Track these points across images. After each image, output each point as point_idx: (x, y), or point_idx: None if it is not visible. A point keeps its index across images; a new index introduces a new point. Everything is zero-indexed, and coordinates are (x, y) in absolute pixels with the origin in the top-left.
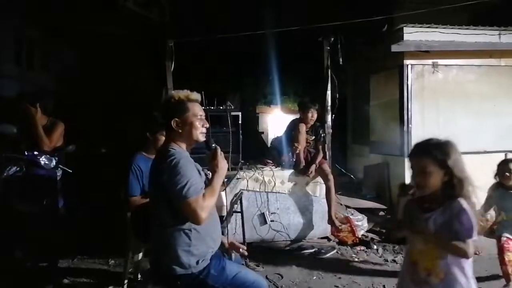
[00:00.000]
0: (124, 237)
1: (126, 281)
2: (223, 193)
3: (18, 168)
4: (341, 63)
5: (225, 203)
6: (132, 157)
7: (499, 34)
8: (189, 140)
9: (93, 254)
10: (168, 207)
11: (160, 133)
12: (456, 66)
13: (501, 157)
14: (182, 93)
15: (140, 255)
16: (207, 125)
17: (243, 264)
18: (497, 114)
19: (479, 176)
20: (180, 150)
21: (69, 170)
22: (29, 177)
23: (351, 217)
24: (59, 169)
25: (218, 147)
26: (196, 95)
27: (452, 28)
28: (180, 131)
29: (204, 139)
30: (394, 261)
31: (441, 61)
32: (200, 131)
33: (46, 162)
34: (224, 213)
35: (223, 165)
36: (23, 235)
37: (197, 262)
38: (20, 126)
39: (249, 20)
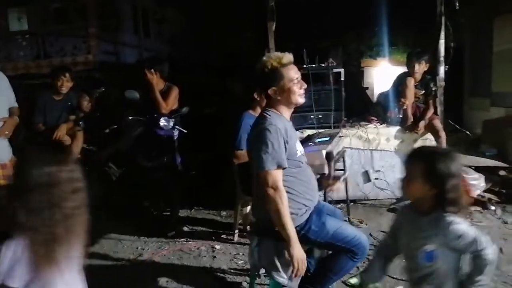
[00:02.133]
0: (234, 191)
1: (236, 231)
2: (323, 152)
3: (142, 129)
4: (457, 7)
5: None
6: (241, 115)
7: None
8: (289, 105)
9: (207, 206)
10: None
11: (259, 95)
12: None
13: None
14: (274, 59)
15: (248, 208)
16: (305, 86)
17: (345, 221)
18: None
19: None
20: (276, 116)
21: (184, 131)
22: (151, 137)
23: (465, 175)
24: (175, 129)
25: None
26: (288, 58)
27: None
28: (279, 98)
29: (304, 100)
30: None
31: None
32: (298, 94)
33: (165, 124)
34: (326, 171)
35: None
36: (149, 188)
37: (293, 219)
38: (142, 91)
39: None
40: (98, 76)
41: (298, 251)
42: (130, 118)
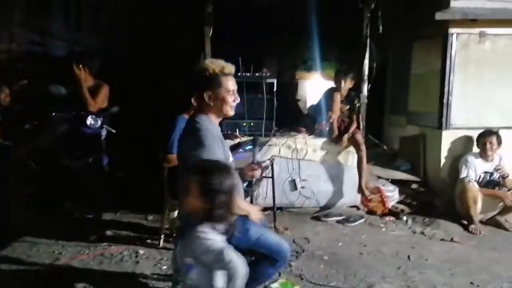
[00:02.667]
0: (162, 194)
1: (162, 236)
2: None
3: (67, 127)
4: (381, 31)
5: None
6: (175, 118)
7: None
8: (219, 114)
9: (134, 209)
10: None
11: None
12: (506, 36)
13: None
14: (217, 66)
15: (176, 212)
16: (238, 100)
17: (271, 227)
18: None
19: None
20: (208, 121)
21: (113, 131)
22: (76, 135)
23: (382, 187)
24: (104, 129)
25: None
26: (229, 68)
27: None
28: (212, 104)
29: (233, 113)
30: (422, 233)
31: (489, 30)
32: (230, 106)
33: (92, 122)
34: (256, 177)
35: (256, 212)
36: (72, 188)
37: None
38: (69, 87)
39: None
40: (21, 68)
41: (253, 212)
42: (54, 114)
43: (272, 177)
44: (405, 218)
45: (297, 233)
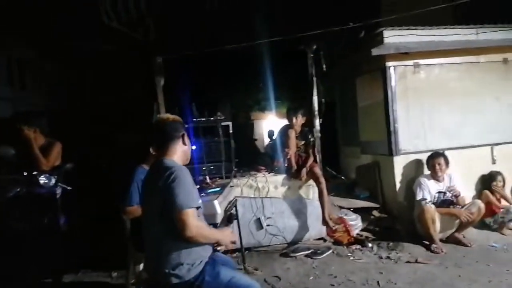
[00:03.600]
0: (125, 249)
1: None
2: (215, 202)
3: (18, 189)
4: (324, 69)
5: (218, 211)
6: (134, 170)
7: (476, 32)
8: (186, 157)
9: (96, 267)
10: (161, 218)
11: (153, 148)
12: (438, 65)
13: (487, 150)
14: (176, 116)
15: (141, 266)
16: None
17: (240, 269)
18: (481, 109)
19: (467, 169)
20: (178, 163)
21: (68, 188)
22: (29, 197)
23: (345, 217)
24: (58, 187)
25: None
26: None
27: (430, 29)
28: (186, 144)
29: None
30: (388, 257)
31: (422, 61)
32: (189, 151)
33: (45, 181)
34: (218, 221)
35: (230, 234)
36: (25, 254)
37: (189, 270)
38: (18, 148)
39: (236, 29)
40: None
41: (226, 238)
42: (2, 177)
43: (237, 218)
44: (370, 244)
45: (268, 272)
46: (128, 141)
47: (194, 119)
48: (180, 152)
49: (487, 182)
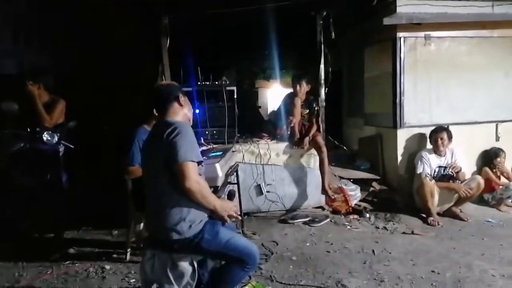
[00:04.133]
0: (126, 208)
1: (129, 250)
2: (217, 165)
3: (22, 144)
4: (333, 37)
5: (219, 174)
6: (135, 130)
7: (492, 5)
8: (187, 115)
9: (97, 225)
10: (163, 175)
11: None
12: (449, 38)
13: (491, 127)
14: (168, 82)
15: (142, 225)
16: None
17: (239, 233)
18: (489, 85)
19: (470, 145)
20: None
21: (71, 146)
22: (32, 152)
23: (344, 187)
24: (61, 144)
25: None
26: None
27: (444, 0)
28: (184, 105)
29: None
30: (384, 228)
31: (433, 33)
32: (190, 112)
33: (48, 138)
34: (219, 184)
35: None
36: (28, 208)
37: (190, 227)
38: (22, 104)
39: None
40: None
41: (224, 208)
42: (7, 131)
43: (238, 183)
44: (368, 215)
45: (265, 237)
46: (132, 103)
47: (199, 83)
48: (180, 113)
49: (489, 158)
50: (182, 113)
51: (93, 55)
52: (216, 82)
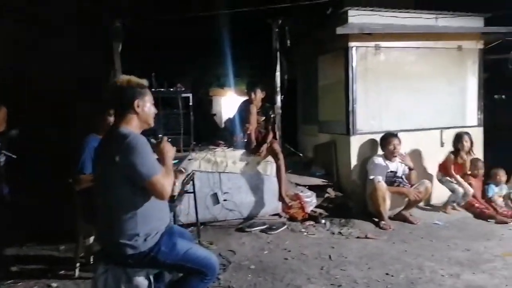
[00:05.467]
0: (74, 221)
1: (78, 266)
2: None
3: None
4: (289, 45)
5: (176, 183)
6: (86, 137)
7: (436, 17)
8: (144, 124)
9: (43, 240)
10: (119, 188)
11: (109, 113)
12: (397, 48)
13: (436, 134)
14: (135, 78)
15: (92, 238)
16: (156, 112)
17: (196, 243)
18: (433, 94)
19: (417, 150)
20: (134, 131)
21: (14, 156)
22: None
23: (300, 194)
24: (2, 154)
25: (165, 137)
26: (146, 82)
27: (392, 12)
28: (140, 113)
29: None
30: (340, 233)
31: (383, 43)
32: (153, 116)
33: None
34: (175, 193)
35: (170, 148)
36: None
37: (145, 240)
38: None
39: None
40: None
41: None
42: None
43: (194, 192)
44: (323, 221)
45: (223, 246)
46: (81, 110)
47: (153, 89)
48: (135, 122)
49: (454, 143)
50: (137, 122)
51: (39, 59)
52: (171, 89)
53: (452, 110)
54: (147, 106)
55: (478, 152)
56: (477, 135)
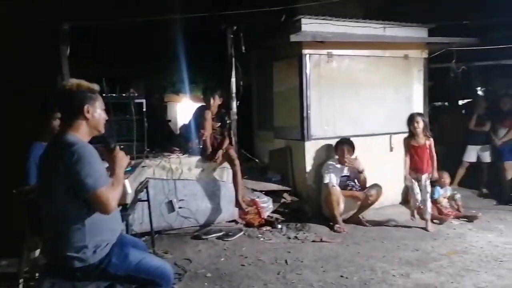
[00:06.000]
0: (17, 233)
1: (21, 281)
2: (126, 181)
3: None
4: (244, 51)
5: (129, 191)
6: (30, 145)
7: (384, 27)
8: (94, 130)
9: None
10: (66, 199)
11: (54, 118)
12: (348, 56)
13: (386, 139)
14: (87, 83)
15: (37, 252)
16: (107, 118)
17: (150, 253)
18: (383, 100)
19: (368, 155)
20: (82, 139)
21: None
22: None
23: (257, 199)
24: None
25: (117, 147)
26: (97, 87)
27: (343, 21)
28: (90, 118)
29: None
30: (296, 237)
31: (335, 51)
32: (104, 121)
33: None
34: (128, 201)
35: (123, 156)
36: None
37: (94, 252)
38: None
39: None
40: None
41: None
42: None
43: (148, 200)
44: (279, 226)
45: (178, 255)
46: (24, 116)
47: (104, 95)
48: (84, 129)
49: (408, 126)
50: (86, 129)
51: None
52: (124, 94)
53: (400, 116)
54: (97, 112)
55: None
56: None
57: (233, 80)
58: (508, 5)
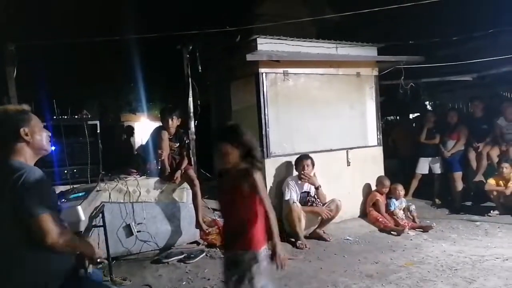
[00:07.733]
0: None
1: None
2: (79, 207)
3: None
4: (200, 70)
5: (82, 218)
6: None
7: (336, 46)
8: (38, 150)
9: None
10: (10, 229)
11: None
12: (304, 74)
13: (343, 154)
14: (13, 106)
15: None
16: (50, 133)
17: (106, 281)
18: (338, 117)
19: (327, 170)
20: (27, 163)
21: None
22: None
23: (218, 219)
24: None
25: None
26: (27, 107)
27: (298, 40)
28: (30, 141)
29: (51, 148)
30: None
31: (291, 70)
32: (46, 140)
33: None
34: (82, 229)
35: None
36: None
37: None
38: None
39: (108, 23)
40: None
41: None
42: None
43: (104, 225)
44: None
45: (137, 281)
46: None
47: (55, 117)
48: (26, 152)
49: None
50: (29, 152)
51: None
52: (76, 116)
53: (355, 131)
54: (36, 131)
55: (379, 169)
56: (377, 153)
57: (190, 99)
58: (451, 26)
